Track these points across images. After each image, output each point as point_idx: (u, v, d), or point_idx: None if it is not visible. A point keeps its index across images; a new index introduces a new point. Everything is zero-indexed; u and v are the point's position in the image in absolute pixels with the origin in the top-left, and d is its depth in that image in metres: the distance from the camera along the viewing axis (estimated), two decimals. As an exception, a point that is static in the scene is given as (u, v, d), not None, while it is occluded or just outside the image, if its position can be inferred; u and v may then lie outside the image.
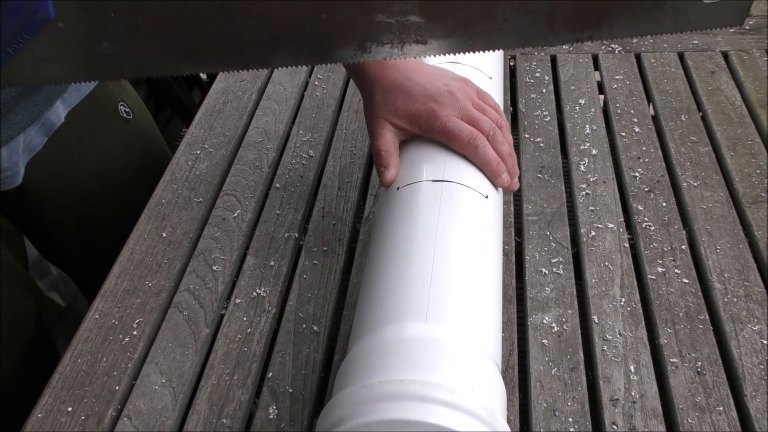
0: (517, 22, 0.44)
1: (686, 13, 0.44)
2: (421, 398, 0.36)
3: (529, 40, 0.45)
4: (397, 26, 0.43)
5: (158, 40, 0.41)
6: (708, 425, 0.49)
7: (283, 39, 0.43)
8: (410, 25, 0.43)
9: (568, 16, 0.44)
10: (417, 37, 0.43)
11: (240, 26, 0.41)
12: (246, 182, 0.72)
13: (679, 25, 0.45)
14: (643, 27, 0.45)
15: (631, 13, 0.44)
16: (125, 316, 0.60)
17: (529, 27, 0.44)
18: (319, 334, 0.57)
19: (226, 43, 0.42)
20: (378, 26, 0.43)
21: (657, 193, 0.67)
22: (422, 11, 0.42)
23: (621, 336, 0.55)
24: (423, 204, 0.49)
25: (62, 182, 0.76)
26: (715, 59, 0.82)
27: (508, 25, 0.44)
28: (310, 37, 0.43)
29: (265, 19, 0.41)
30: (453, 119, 0.52)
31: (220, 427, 0.52)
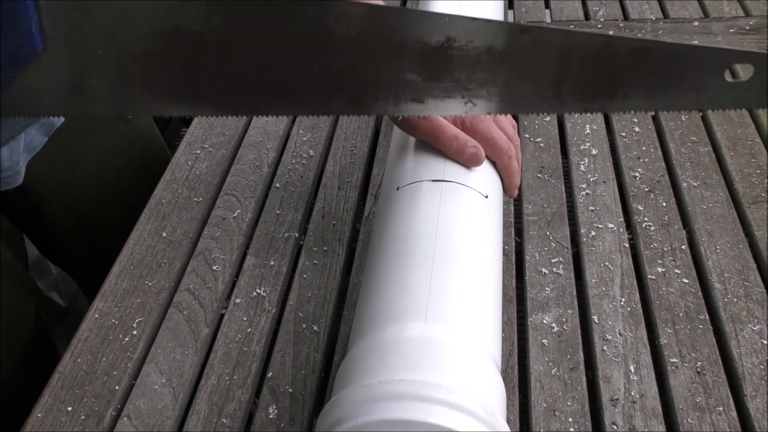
0: (521, 87, 0.41)
1: (707, 90, 0.41)
2: (420, 398, 0.36)
3: (534, 107, 0.42)
4: (392, 83, 0.41)
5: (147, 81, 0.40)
6: (708, 425, 0.49)
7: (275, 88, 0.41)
8: (407, 83, 0.41)
9: (577, 85, 0.41)
10: (413, 95, 0.41)
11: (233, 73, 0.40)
12: (246, 182, 0.72)
13: (699, 103, 0.41)
14: (659, 102, 0.41)
15: (647, 85, 0.41)
16: (125, 315, 0.60)
17: (534, 94, 0.42)
18: (319, 333, 0.58)
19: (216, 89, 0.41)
20: (374, 82, 0.41)
21: (657, 193, 0.67)
22: (420, 70, 0.40)
23: (621, 336, 0.55)
24: (423, 204, 0.49)
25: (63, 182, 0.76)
26: (715, 59, 0.82)
27: (511, 91, 0.41)
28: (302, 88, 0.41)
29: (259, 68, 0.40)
30: (494, 125, 0.53)
31: (220, 426, 0.52)
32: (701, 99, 0.41)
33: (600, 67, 0.40)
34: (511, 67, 0.40)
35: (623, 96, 0.41)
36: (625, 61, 0.39)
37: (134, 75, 0.40)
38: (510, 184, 0.55)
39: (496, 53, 0.39)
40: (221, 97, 0.42)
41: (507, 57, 0.40)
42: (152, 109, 0.42)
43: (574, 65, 0.40)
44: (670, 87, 0.40)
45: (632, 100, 0.41)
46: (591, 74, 0.40)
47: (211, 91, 0.41)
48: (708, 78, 0.40)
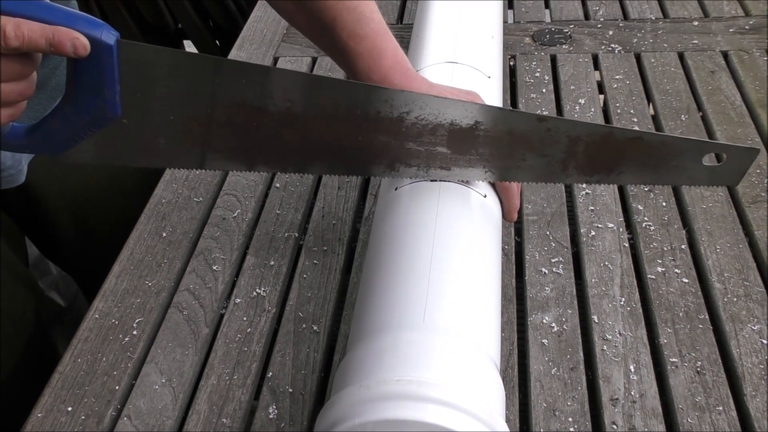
0: (534, 162, 0.49)
1: (687, 171, 0.49)
2: (417, 397, 0.36)
3: (543, 178, 0.50)
4: (425, 154, 0.48)
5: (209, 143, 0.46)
6: (708, 425, 0.49)
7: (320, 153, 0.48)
8: (437, 154, 0.48)
9: (581, 162, 0.48)
10: (442, 164, 0.49)
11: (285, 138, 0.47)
12: (246, 182, 0.72)
13: (680, 180, 0.50)
14: (647, 178, 0.50)
15: (638, 167, 0.49)
16: (125, 315, 0.60)
17: (545, 167, 0.49)
18: (319, 333, 0.58)
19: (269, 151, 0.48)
20: (408, 152, 0.48)
21: (657, 193, 0.67)
22: (449, 144, 0.48)
23: (621, 336, 0.55)
24: (421, 203, 0.49)
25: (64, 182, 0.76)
26: (715, 59, 0.82)
27: (525, 164, 0.49)
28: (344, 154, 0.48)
29: (308, 135, 0.47)
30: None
31: (220, 426, 0.52)
32: (682, 178, 0.49)
33: (601, 151, 0.48)
34: (528, 147, 0.48)
35: (618, 173, 0.49)
36: (621, 147, 0.48)
37: (198, 138, 0.46)
38: (509, 207, 0.54)
39: (516, 135, 0.47)
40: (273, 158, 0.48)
41: (525, 139, 0.47)
42: (210, 165, 0.48)
43: (580, 148, 0.48)
44: (657, 168, 0.49)
45: (625, 176, 0.49)
46: (593, 156, 0.48)
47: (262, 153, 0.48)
48: (688, 162, 0.48)
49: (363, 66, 0.51)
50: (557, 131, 0.47)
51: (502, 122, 0.47)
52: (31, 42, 0.37)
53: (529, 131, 0.47)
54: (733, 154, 0.48)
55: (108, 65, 0.40)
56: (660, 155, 0.48)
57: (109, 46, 0.39)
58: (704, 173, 0.49)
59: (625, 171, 0.49)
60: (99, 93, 0.41)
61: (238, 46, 0.93)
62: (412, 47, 0.68)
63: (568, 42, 0.88)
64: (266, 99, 0.44)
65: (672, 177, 0.50)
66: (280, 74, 0.45)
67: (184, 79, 0.43)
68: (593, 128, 0.47)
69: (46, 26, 0.37)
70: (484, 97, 0.53)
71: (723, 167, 0.49)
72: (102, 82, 0.41)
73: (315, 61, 0.89)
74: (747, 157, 0.48)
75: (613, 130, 0.47)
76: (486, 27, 0.68)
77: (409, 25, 0.92)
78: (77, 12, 0.39)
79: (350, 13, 0.51)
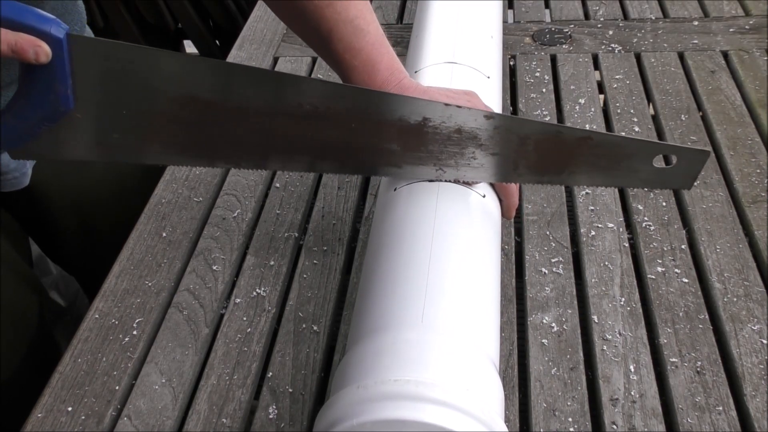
0: (483, 160, 0.49)
1: (639, 173, 0.49)
2: (415, 397, 0.37)
3: (493, 177, 0.50)
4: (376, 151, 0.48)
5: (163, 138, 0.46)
6: (708, 425, 0.49)
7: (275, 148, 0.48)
8: (387, 151, 0.48)
9: (531, 162, 0.48)
10: (390, 161, 0.49)
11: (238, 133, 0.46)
12: (246, 182, 0.72)
13: (632, 182, 0.50)
14: (598, 180, 0.50)
15: (589, 167, 0.48)
16: (125, 315, 0.60)
17: (496, 166, 0.49)
18: (319, 333, 0.58)
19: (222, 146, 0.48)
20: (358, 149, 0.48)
21: (657, 193, 0.67)
22: (398, 141, 0.47)
23: (621, 336, 0.55)
24: (420, 204, 0.49)
25: (67, 183, 0.77)
26: (715, 59, 0.82)
27: (475, 162, 0.49)
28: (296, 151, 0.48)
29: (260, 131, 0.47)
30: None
31: (220, 426, 0.52)
32: (633, 179, 0.49)
33: (551, 150, 0.47)
34: (477, 144, 0.47)
35: (569, 173, 0.49)
36: (571, 146, 0.47)
37: (152, 132, 0.46)
38: (508, 205, 0.54)
39: (465, 133, 0.47)
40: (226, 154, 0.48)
41: (473, 137, 0.47)
42: (166, 160, 0.49)
43: (530, 147, 0.47)
44: (607, 169, 0.48)
45: (577, 176, 0.49)
46: (544, 155, 0.48)
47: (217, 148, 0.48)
48: (639, 164, 0.48)
49: (358, 79, 0.52)
50: (506, 129, 0.47)
51: (449, 119, 0.46)
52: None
53: (477, 129, 0.47)
54: (684, 156, 0.48)
55: (59, 59, 0.40)
56: (610, 156, 0.48)
57: (59, 40, 0.39)
58: (655, 175, 0.49)
59: (576, 171, 0.49)
60: (51, 87, 0.41)
61: (238, 46, 0.93)
62: (411, 48, 0.68)
63: (568, 42, 0.88)
64: (218, 94, 0.44)
65: (623, 179, 0.49)
66: (231, 69, 0.44)
67: (136, 74, 0.42)
68: (542, 127, 0.47)
69: (9, 32, 0.38)
70: (483, 97, 0.53)
71: (674, 170, 0.48)
72: (53, 77, 0.41)
73: (315, 61, 0.89)
74: (698, 160, 0.48)
75: (561, 129, 0.47)
76: (485, 27, 0.68)
77: (409, 25, 0.92)
78: (28, 6, 0.39)
79: (347, 25, 0.51)
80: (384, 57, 0.52)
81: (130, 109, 0.44)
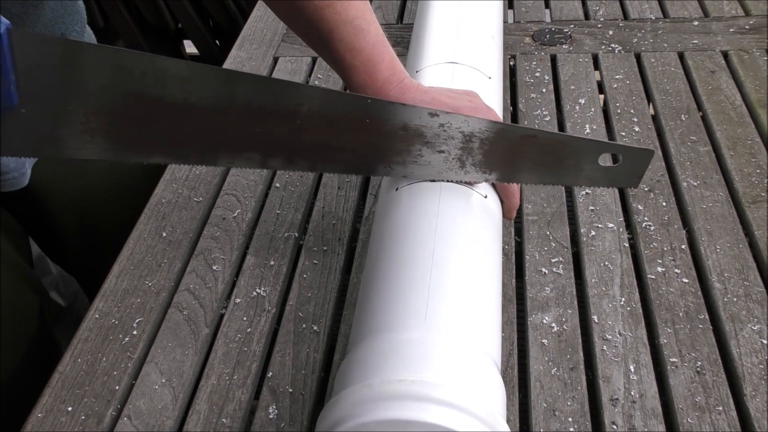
0: (430, 158, 0.49)
1: (583, 171, 0.49)
2: (420, 398, 0.37)
3: (441, 174, 0.50)
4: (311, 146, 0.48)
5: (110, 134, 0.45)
6: (708, 425, 0.49)
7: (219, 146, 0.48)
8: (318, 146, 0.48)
9: (477, 160, 0.49)
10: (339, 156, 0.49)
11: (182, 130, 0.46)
12: (246, 182, 0.72)
13: (578, 180, 0.50)
14: (545, 178, 0.50)
15: (534, 165, 0.49)
16: (125, 315, 0.60)
17: (442, 163, 0.49)
18: (319, 333, 0.58)
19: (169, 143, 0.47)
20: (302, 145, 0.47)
21: (657, 193, 0.67)
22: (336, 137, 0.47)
23: (621, 336, 0.55)
24: (422, 204, 0.49)
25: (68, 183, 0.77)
26: (715, 59, 0.82)
27: (422, 159, 0.49)
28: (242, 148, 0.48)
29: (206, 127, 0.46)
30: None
31: (220, 426, 0.52)
32: (579, 178, 0.49)
33: (496, 148, 0.48)
34: (422, 142, 0.48)
35: (516, 170, 0.49)
36: (516, 144, 0.48)
37: (99, 128, 0.45)
38: (509, 206, 0.54)
39: (410, 130, 0.47)
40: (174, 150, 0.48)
41: (419, 134, 0.47)
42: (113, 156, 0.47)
43: (474, 144, 0.48)
44: (552, 167, 0.49)
45: (524, 174, 0.50)
46: (489, 153, 0.48)
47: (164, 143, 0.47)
48: (584, 162, 0.48)
49: (358, 80, 0.52)
50: (450, 127, 0.47)
51: (393, 116, 0.46)
52: None
53: (422, 126, 0.47)
54: (629, 155, 0.48)
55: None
56: (555, 154, 0.48)
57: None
58: (601, 174, 0.49)
59: (522, 169, 0.49)
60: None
61: (238, 46, 0.93)
62: (412, 48, 0.68)
63: (568, 42, 0.88)
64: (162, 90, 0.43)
65: (569, 177, 0.50)
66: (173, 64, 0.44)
67: (78, 69, 0.42)
68: (486, 124, 0.47)
69: None
70: (484, 97, 0.53)
71: (619, 168, 0.48)
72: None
73: (315, 61, 0.89)
74: (643, 159, 0.48)
75: (504, 126, 0.47)
76: (486, 27, 0.68)
77: (409, 25, 0.92)
78: None
79: (347, 26, 0.51)
80: (385, 57, 0.52)
81: (73, 105, 0.43)
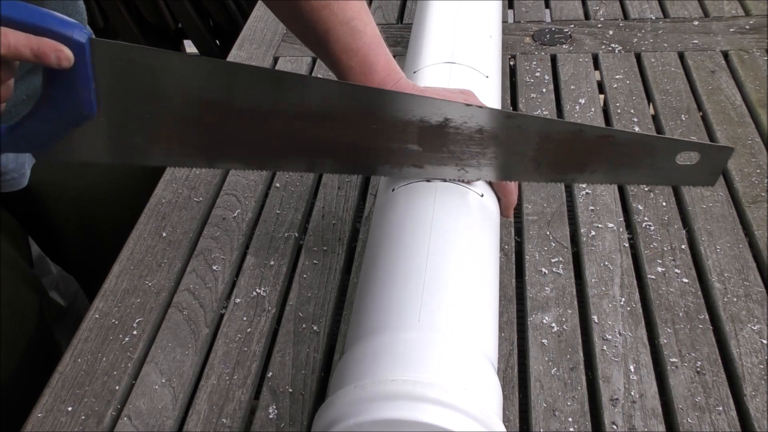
0: (506, 160, 0.49)
1: (662, 170, 0.49)
2: (412, 397, 0.37)
3: (516, 176, 0.50)
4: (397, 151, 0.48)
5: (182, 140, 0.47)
6: (708, 425, 0.49)
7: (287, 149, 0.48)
8: (409, 151, 0.48)
9: (552, 161, 0.48)
10: (414, 161, 0.49)
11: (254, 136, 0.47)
12: (246, 182, 0.72)
13: (655, 180, 0.50)
14: (621, 177, 0.50)
15: (611, 165, 0.48)
16: (125, 315, 0.60)
17: (517, 165, 0.49)
18: (319, 333, 0.58)
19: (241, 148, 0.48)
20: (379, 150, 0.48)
21: (657, 193, 0.67)
22: (420, 141, 0.48)
23: (621, 336, 0.55)
24: (418, 203, 0.49)
25: (67, 183, 0.77)
26: (715, 59, 0.82)
27: (497, 162, 0.49)
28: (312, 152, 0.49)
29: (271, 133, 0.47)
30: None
31: (220, 426, 0.52)
32: (656, 177, 0.49)
33: (572, 149, 0.47)
34: (498, 144, 0.47)
35: (591, 171, 0.49)
36: (592, 145, 0.47)
37: (171, 135, 0.46)
38: (507, 204, 0.54)
39: (486, 132, 0.47)
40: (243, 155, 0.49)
41: (495, 137, 0.47)
42: (183, 162, 0.49)
43: (551, 146, 0.47)
44: (629, 166, 0.48)
45: (598, 175, 0.49)
46: (565, 153, 0.48)
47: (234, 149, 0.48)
48: (661, 161, 0.48)
49: (355, 80, 0.52)
50: (527, 129, 0.47)
51: (470, 119, 0.46)
52: (17, 51, 0.38)
53: (498, 128, 0.47)
54: (707, 153, 0.47)
55: (81, 64, 0.40)
56: (632, 154, 0.48)
57: (81, 45, 0.39)
58: (678, 173, 0.49)
59: (597, 170, 0.49)
60: (74, 92, 0.41)
61: (238, 46, 0.93)
62: (410, 48, 0.68)
63: (569, 42, 0.88)
64: (230, 95, 0.44)
65: (646, 176, 0.49)
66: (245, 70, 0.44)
67: (156, 77, 0.43)
68: (563, 126, 0.47)
69: (32, 37, 0.38)
70: (482, 96, 0.53)
71: (697, 167, 0.48)
72: (76, 81, 0.41)
73: (315, 61, 0.89)
74: (722, 157, 0.48)
75: (582, 127, 0.47)
76: (484, 27, 0.68)
77: (409, 25, 0.92)
78: (51, 12, 0.39)
79: (343, 27, 0.51)
80: (381, 58, 0.52)
81: (151, 112, 0.44)
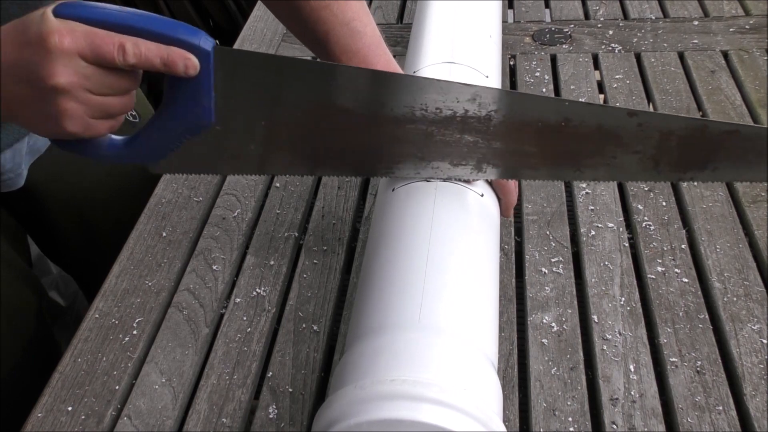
0: (624, 159, 0.47)
1: None
2: (412, 397, 0.37)
3: (633, 177, 0.48)
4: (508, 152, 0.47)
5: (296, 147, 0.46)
6: (708, 425, 0.49)
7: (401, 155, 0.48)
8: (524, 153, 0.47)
9: (674, 159, 0.46)
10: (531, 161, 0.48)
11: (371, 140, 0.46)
12: (246, 181, 0.72)
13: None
14: (745, 174, 0.47)
15: (735, 162, 0.46)
16: (125, 315, 0.60)
17: (636, 165, 0.47)
18: (319, 333, 0.58)
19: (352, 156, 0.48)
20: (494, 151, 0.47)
21: (657, 193, 0.67)
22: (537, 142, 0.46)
23: (621, 335, 0.55)
24: (417, 204, 0.49)
25: (66, 183, 0.77)
26: (715, 59, 0.82)
27: (615, 162, 0.47)
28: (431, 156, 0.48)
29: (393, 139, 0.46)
30: None
31: (220, 426, 0.52)
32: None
33: (695, 146, 0.45)
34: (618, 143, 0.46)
35: (713, 169, 0.47)
36: (716, 141, 0.45)
37: (286, 142, 0.46)
38: (507, 204, 0.54)
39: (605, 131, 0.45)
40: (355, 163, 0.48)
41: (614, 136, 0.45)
42: (296, 170, 0.48)
43: (672, 143, 0.45)
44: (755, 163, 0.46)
45: (720, 172, 0.47)
46: (686, 151, 0.46)
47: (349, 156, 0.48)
48: None
49: None
50: (648, 126, 0.45)
51: (590, 118, 0.45)
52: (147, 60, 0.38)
53: (618, 127, 0.45)
54: None
55: (205, 72, 0.40)
56: (758, 150, 0.45)
57: (207, 53, 0.39)
58: None
59: (719, 167, 0.47)
60: (196, 100, 0.41)
61: (238, 46, 0.93)
62: (410, 48, 0.68)
63: (568, 42, 0.88)
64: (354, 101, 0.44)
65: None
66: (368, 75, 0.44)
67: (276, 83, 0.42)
68: (687, 122, 0.45)
69: (162, 46, 0.38)
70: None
71: None
72: (199, 89, 0.41)
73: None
74: None
75: (707, 123, 0.45)
76: (484, 26, 0.68)
77: (409, 25, 0.92)
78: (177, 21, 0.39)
79: (343, 28, 0.51)
80: (380, 59, 0.52)
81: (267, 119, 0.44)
